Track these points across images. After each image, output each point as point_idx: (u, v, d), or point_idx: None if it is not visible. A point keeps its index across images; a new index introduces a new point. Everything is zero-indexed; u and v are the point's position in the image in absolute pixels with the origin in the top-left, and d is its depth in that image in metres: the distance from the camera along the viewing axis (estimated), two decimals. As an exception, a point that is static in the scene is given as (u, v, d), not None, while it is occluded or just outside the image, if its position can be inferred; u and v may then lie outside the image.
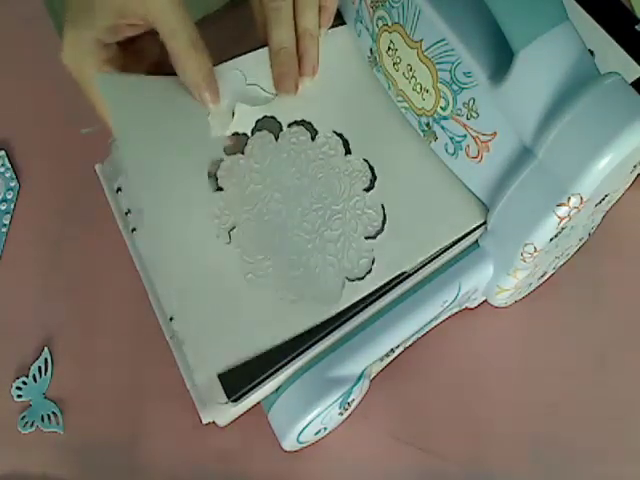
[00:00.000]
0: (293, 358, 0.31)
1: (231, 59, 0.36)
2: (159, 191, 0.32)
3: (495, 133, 0.31)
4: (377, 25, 0.35)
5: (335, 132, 0.36)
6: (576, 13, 0.41)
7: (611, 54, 0.40)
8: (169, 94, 0.34)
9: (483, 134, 0.32)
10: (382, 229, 0.34)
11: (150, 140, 0.33)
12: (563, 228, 0.30)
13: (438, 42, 0.32)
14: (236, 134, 0.35)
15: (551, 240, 0.31)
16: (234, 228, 0.34)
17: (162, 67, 0.35)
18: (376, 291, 0.32)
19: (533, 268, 0.33)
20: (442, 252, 0.33)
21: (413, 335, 0.35)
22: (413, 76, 0.34)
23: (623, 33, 0.41)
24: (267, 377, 0.31)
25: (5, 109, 0.48)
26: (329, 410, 0.32)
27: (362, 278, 0.32)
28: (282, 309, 0.32)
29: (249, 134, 0.35)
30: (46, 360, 0.40)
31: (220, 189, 0.35)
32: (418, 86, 0.34)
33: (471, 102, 0.32)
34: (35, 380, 0.40)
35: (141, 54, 0.36)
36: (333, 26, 0.37)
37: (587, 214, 0.33)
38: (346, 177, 0.35)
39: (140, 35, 0.34)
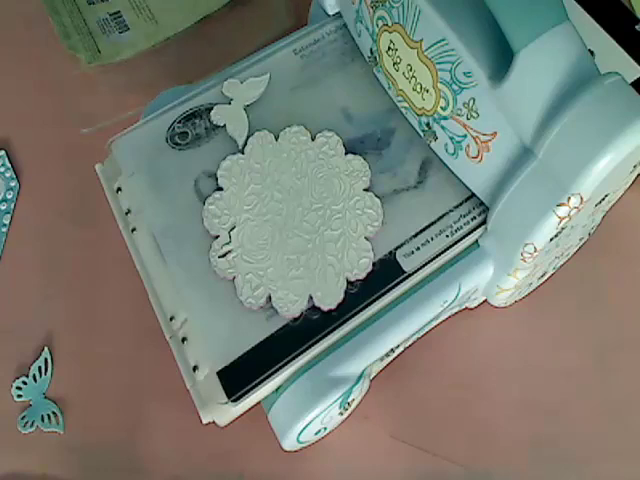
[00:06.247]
0: (293, 358, 0.31)
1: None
2: None
3: (495, 133, 0.31)
4: (377, 25, 0.35)
5: None
6: (576, 13, 0.41)
7: (611, 54, 0.40)
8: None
9: (483, 134, 0.32)
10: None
11: None
12: (563, 228, 0.30)
13: (438, 42, 0.32)
14: None
15: (551, 240, 0.31)
16: (234, 228, 0.34)
17: None
18: (376, 291, 0.33)
19: (533, 268, 0.33)
20: (442, 252, 0.33)
21: (413, 335, 0.35)
22: (413, 76, 0.34)
23: (623, 33, 0.41)
24: (267, 377, 0.31)
25: (5, 109, 0.48)
26: (329, 410, 0.32)
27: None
28: None
29: None
30: (46, 360, 0.40)
31: (220, 189, 0.35)
32: (418, 86, 0.34)
33: (471, 102, 0.32)
34: (35, 380, 0.40)
35: None
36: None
37: (587, 214, 0.33)
38: (346, 177, 0.35)
39: None
